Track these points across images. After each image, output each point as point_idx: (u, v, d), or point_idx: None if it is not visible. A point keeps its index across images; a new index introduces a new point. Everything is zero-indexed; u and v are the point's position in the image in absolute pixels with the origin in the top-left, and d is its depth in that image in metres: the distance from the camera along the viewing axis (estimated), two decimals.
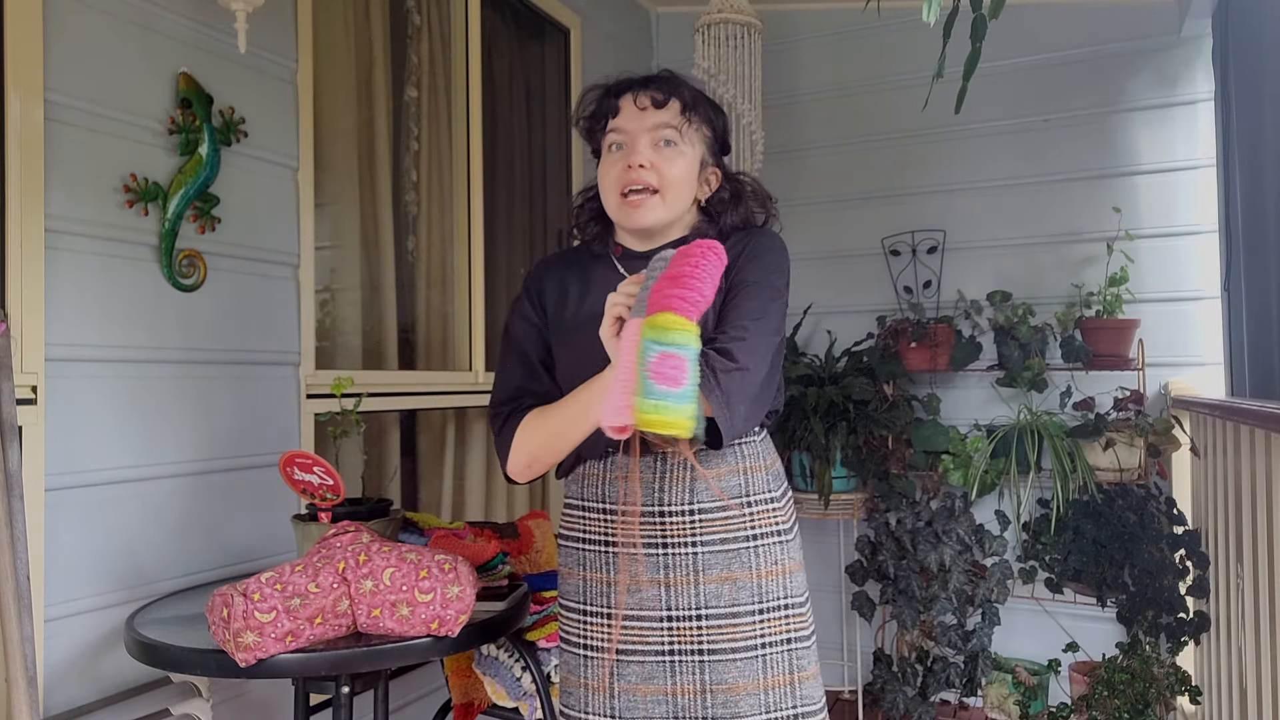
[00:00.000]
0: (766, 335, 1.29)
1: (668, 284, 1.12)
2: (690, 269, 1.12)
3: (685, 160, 1.36)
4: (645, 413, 1.09)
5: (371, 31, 2.54)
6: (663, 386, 1.09)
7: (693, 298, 1.10)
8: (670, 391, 1.09)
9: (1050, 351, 3.10)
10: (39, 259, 1.63)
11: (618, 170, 1.35)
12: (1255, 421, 1.93)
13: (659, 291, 1.13)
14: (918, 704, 2.97)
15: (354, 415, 1.94)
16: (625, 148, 1.36)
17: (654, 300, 1.12)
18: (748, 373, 1.24)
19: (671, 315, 1.09)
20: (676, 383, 1.09)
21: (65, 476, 1.68)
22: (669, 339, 1.09)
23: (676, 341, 1.09)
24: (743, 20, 2.97)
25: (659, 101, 1.35)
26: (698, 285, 1.11)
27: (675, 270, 1.13)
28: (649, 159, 1.34)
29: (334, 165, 2.39)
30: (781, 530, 1.38)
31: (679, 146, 1.36)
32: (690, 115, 1.37)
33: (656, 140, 1.35)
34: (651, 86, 1.36)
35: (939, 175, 3.34)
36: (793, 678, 1.33)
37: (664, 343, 1.09)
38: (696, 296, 1.11)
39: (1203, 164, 2.97)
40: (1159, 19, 3.02)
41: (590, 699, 1.36)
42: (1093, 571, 2.83)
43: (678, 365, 1.09)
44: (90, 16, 1.73)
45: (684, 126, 1.36)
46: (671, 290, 1.11)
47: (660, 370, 1.09)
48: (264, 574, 1.44)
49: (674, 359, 1.09)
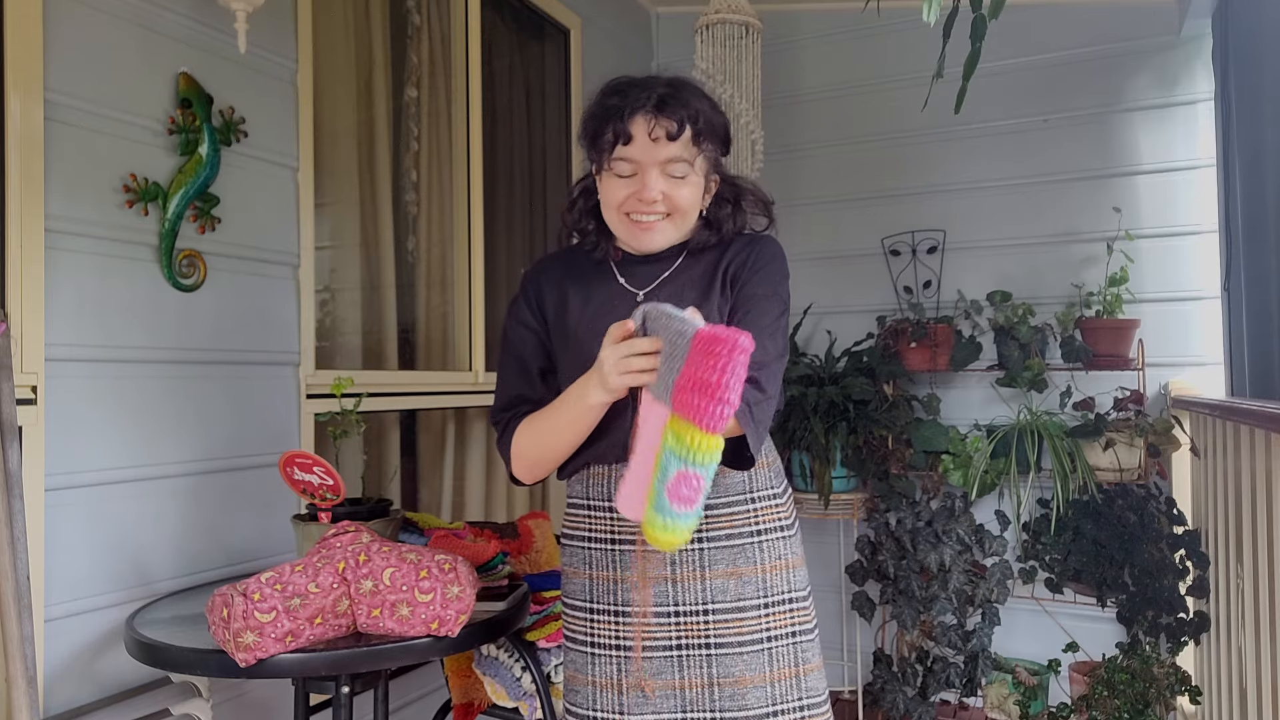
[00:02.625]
0: (780, 355, 1.33)
1: (696, 390, 1.05)
2: (719, 377, 1.04)
3: (694, 184, 1.36)
4: (654, 529, 1.08)
5: (371, 31, 2.54)
6: (678, 508, 1.07)
7: (722, 412, 1.04)
8: (685, 513, 1.07)
9: (1050, 351, 3.10)
10: (39, 259, 1.63)
11: (625, 195, 1.34)
12: (1255, 421, 1.93)
13: (685, 390, 1.06)
14: (918, 704, 2.97)
15: (354, 415, 1.94)
16: (635, 175, 1.33)
17: (680, 400, 1.07)
18: (772, 400, 1.29)
19: (698, 433, 1.05)
20: (692, 504, 1.07)
21: (65, 476, 1.68)
22: (695, 459, 1.06)
23: (701, 462, 1.06)
24: (742, 20, 2.97)
25: (672, 134, 1.30)
26: (728, 398, 1.04)
27: (704, 374, 1.05)
28: (660, 190, 1.32)
29: (334, 165, 2.39)
30: (784, 525, 1.40)
31: (689, 176, 1.34)
32: (701, 142, 1.33)
33: (667, 174, 1.33)
34: (665, 112, 1.30)
35: (939, 175, 3.34)
36: (798, 670, 1.36)
37: (689, 461, 1.06)
38: (726, 410, 1.04)
39: (1203, 164, 2.97)
40: (1159, 19, 3.02)
41: (599, 696, 1.37)
42: (1093, 571, 2.83)
43: (697, 487, 1.07)
44: (90, 16, 1.73)
45: (695, 157, 1.34)
46: (701, 402, 1.04)
47: (678, 491, 1.06)
48: (264, 574, 1.44)
49: (695, 480, 1.07)
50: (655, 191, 1.32)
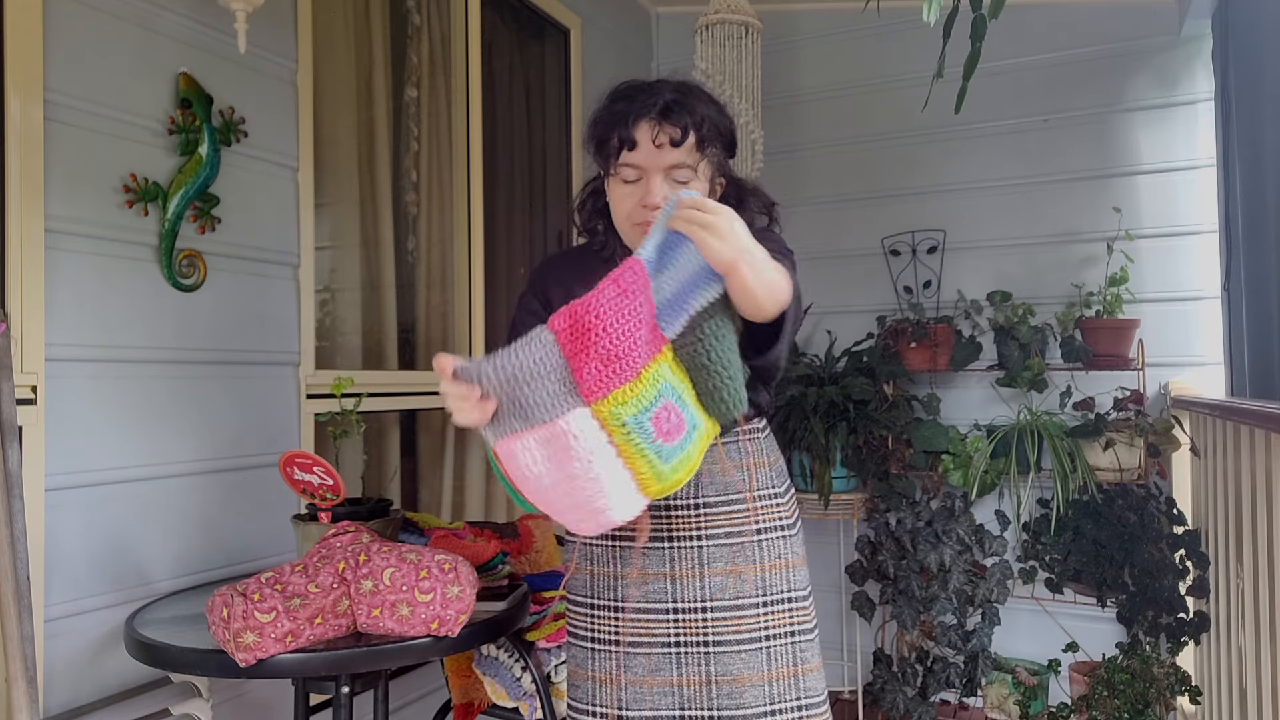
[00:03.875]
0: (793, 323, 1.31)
1: (583, 357, 1.02)
2: (596, 322, 1.02)
3: (698, 190, 1.35)
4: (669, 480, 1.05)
5: (371, 31, 2.54)
6: (678, 439, 1.06)
7: (613, 355, 1.01)
8: (684, 440, 1.06)
9: (1050, 351, 3.10)
10: (39, 259, 1.63)
11: (632, 204, 1.34)
12: (1255, 421, 1.93)
13: (580, 370, 1.03)
14: (918, 704, 2.97)
15: (354, 415, 1.94)
16: (640, 181, 1.34)
17: (582, 382, 1.03)
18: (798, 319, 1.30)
19: (630, 385, 1.03)
20: (682, 427, 1.06)
21: (65, 476, 1.68)
22: (649, 399, 1.04)
23: (655, 396, 1.04)
24: (742, 20, 2.97)
25: (676, 140, 1.31)
26: (611, 339, 1.01)
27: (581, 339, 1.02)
28: (665, 196, 1.32)
29: (334, 165, 2.39)
30: (785, 525, 1.40)
31: (692, 182, 1.34)
32: (705, 148, 1.34)
33: (670, 179, 1.33)
34: (670, 119, 1.31)
35: (939, 175, 3.34)
36: (796, 670, 1.36)
37: (650, 406, 1.04)
38: (613, 349, 1.01)
39: (1203, 164, 2.97)
40: (1159, 19, 3.02)
41: (598, 691, 1.39)
42: (1093, 571, 2.83)
43: (673, 411, 1.05)
44: (90, 16, 1.73)
45: (699, 162, 1.34)
46: (591, 364, 1.02)
47: (662, 428, 1.05)
48: (264, 574, 1.44)
49: (667, 410, 1.05)
50: (659, 197, 1.32)
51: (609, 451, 1.05)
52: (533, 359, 1.04)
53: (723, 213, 1.08)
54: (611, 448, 1.05)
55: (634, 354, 1.03)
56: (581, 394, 1.04)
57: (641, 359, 1.04)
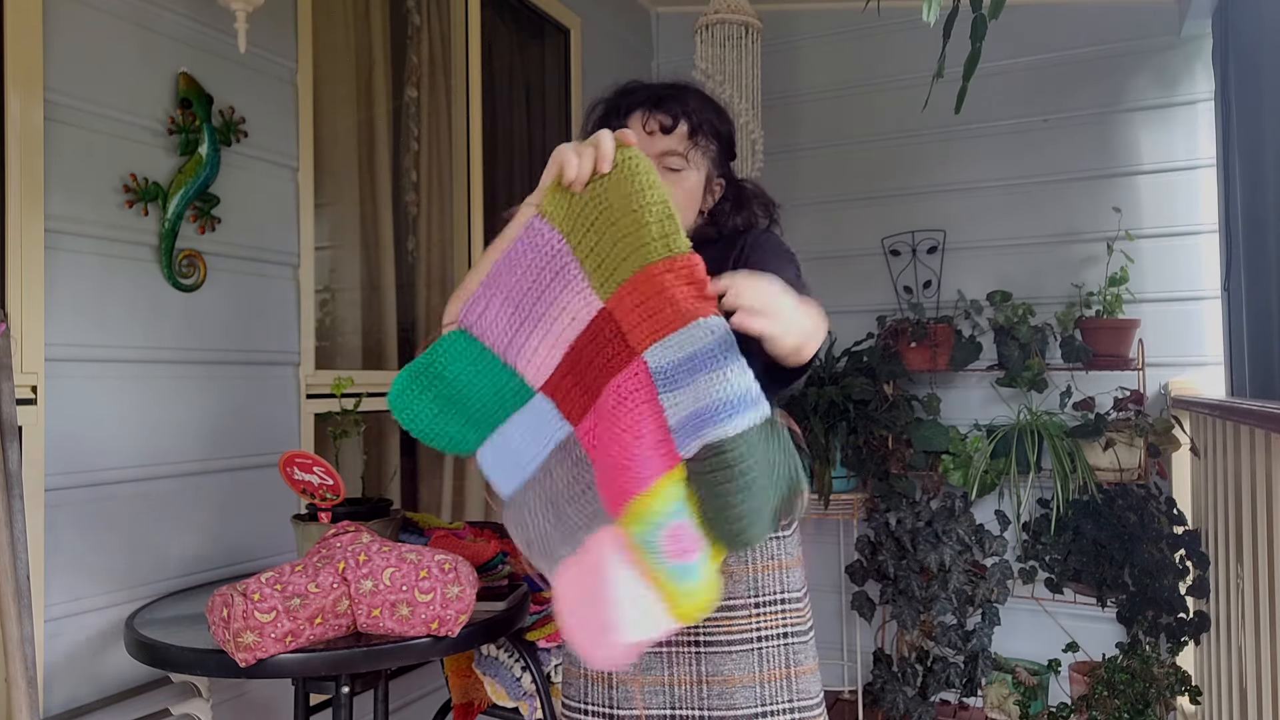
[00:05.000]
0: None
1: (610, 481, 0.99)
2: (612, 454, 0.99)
3: (689, 183, 1.36)
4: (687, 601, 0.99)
5: (371, 31, 2.54)
6: (688, 560, 0.99)
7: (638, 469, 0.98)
8: (696, 562, 1.00)
9: (1050, 351, 3.10)
10: (39, 259, 1.63)
11: None
12: (1255, 421, 1.93)
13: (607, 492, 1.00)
14: (918, 704, 2.97)
15: (354, 415, 1.94)
16: None
17: (610, 503, 1.00)
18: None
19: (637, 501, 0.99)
20: (694, 549, 1.00)
21: (65, 476, 1.68)
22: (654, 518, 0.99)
23: (672, 514, 0.99)
24: (742, 20, 2.97)
25: (666, 127, 1.32)
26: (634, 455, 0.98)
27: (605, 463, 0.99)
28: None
29: (334, 165, 2.39)
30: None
31: (684, 171, 1.35)
32: (697, 138, 1.34)
33: (662, 166, 1.33)
34: (661, 109, 1.33)
35: (939, 175, 3.34)
36: (789, 672, 1.35)
37: (656, 524, 0.99)
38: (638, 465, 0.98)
39: (1203, 164, 2.97)
40: (1159, 19, 3.02)
41: (590, 689, 1.39)
42: (1093, 571, 2.83)
43: (682, 533, 0.99)
44: (90, 16, 1.72)
45: (690, 151, 1.34)
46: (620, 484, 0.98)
47: (677, 549, 0.99)
48: (264, 574, 1.44)
49: (675, 530, 0.99)
50: None
51: (632, 573, 1.01)
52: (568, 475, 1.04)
53: (764, 289, 1.04)
54: (632, 568, 1.01)
55: (641, 470, 1.00)
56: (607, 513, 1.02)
57: (648, 479, 1.00)
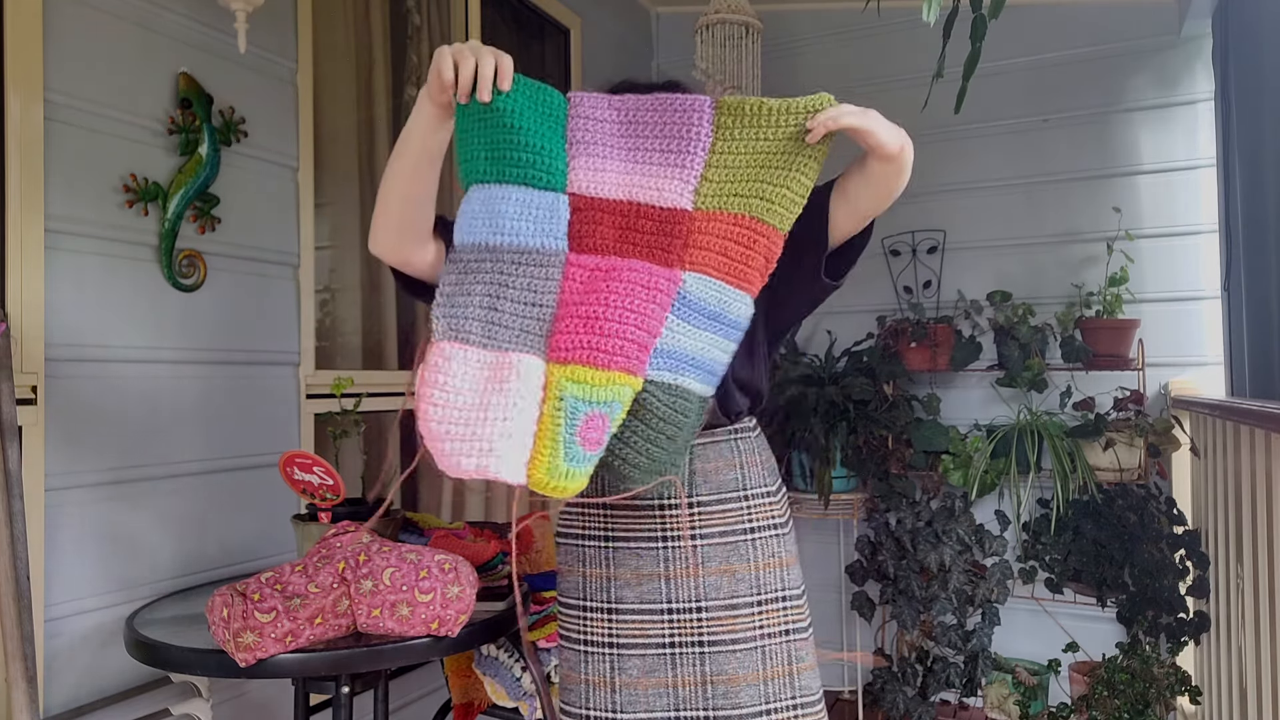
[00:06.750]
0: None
1: (580, 325, 0.99)
2: (604, 307, 0.98)
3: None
4: (560, 479, 0.98)
5: (371, 31, 2.54)
6: (589, 450, 1.00)
7: (616, 345, 0.98)
8: (593, 455, 1.00)
9: (1050, 351, 3.10)
10: (39, 259, 1.63)
11: None
12: (1255, 421, 1.93)
13: (569, 331, 0.99)
14: (918, 704, 2.97)
15: (354, 415, 1.94)
16: None
17: (561, 342, 1.00)
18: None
19: (596, 372, 0.99)
20: (599, 444, 1.01)
21: (65, 476, 1.68)
22: (599, 399, 0.99)
23: (607, 399, 0.99)
24: (742, 20, 2.97)
25: None
26: (623, 329, 0.97)
27: (589, 306, 0.98)
28: None
29: (334, 165, 2.39)
30: (778, 524, 1.40)
31: None
32: None
33: None
34: None
35: (939, 175, 3.34)
36: (791, 669, 1.36)
37: (595, 403, 0.99)
38: (619, 342, 0.98)
39: (1203, 164, 2.97)
40: (1159, 19, 3.02)
41: (591, 694, 1.38)
42: (1093, 571, 2.83)
43: (603, 426, 1.00)
44: (90, 16, 1.72)
45: None
46: (589, 337, 0.98)
47: (588, 435, 0.99)
48: (264, 574, 1.44)
49: (602, 420, 1.00)
50: None
51: (532, 413, 1.01)
52: (529, 278, 1.04)
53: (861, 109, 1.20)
54: (536, 410, 1.01)
55: (618, 349, 1.00)
56: (549, 344, 1.02)
57: (618, 361, 1.01)
